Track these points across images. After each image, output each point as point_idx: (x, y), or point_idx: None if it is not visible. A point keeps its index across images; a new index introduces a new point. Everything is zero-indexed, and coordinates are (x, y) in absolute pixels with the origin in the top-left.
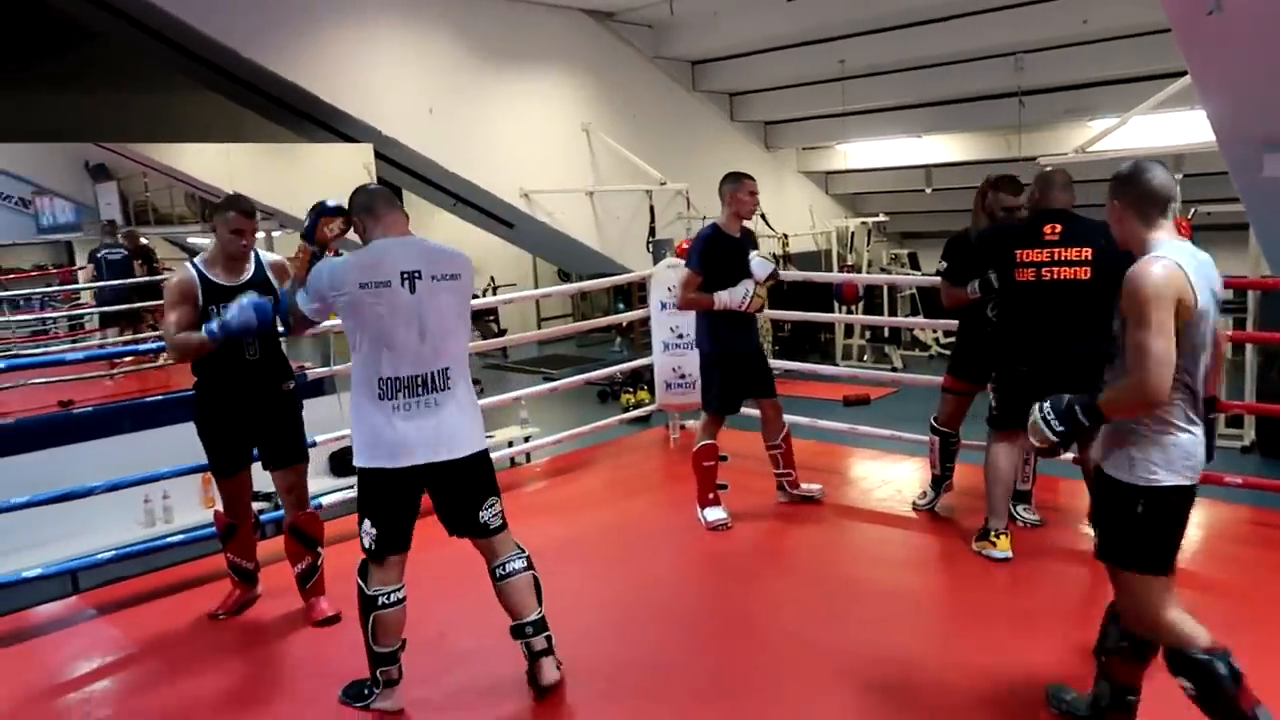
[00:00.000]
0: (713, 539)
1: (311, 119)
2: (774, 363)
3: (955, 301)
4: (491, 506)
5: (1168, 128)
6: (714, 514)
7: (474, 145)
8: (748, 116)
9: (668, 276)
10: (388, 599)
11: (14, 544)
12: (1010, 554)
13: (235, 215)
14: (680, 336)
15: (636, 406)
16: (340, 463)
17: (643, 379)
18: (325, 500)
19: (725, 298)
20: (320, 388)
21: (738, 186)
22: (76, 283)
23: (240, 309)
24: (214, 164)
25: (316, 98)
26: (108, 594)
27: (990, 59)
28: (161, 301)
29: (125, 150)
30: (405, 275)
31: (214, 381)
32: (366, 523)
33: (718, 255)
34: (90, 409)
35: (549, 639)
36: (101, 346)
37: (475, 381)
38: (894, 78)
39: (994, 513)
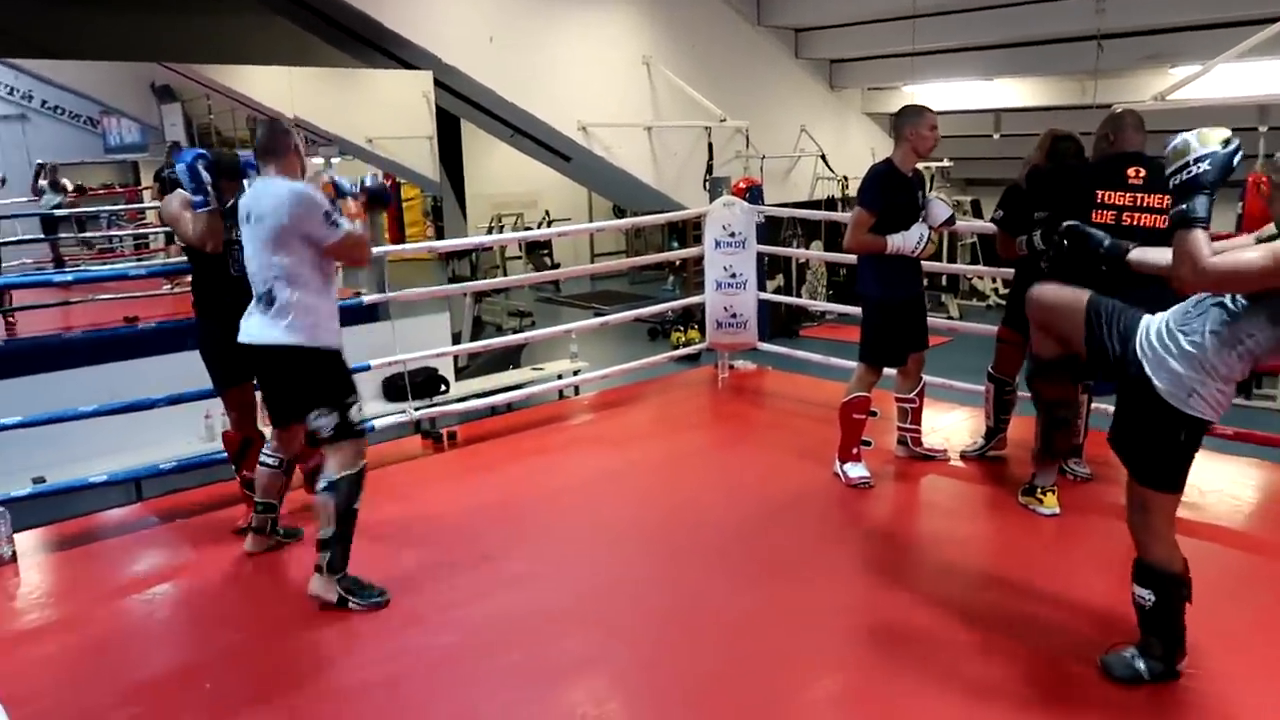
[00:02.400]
0: (756, 477)
1: (373, 45)
2: (827, 306)
3: (1011, 253)
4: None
5: (1253, 77)
6: (855, 470)
7: (533, 76)
8: (813, 54)
9: (723, 215)
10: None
11: (83, 452)
12: (1058, 510)
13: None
14: (734, 276)
15: (687, 345)
16: (393, 388)
17: (694, 318)
18: (377, 424)
19: (899, 241)
20: (374, 313)
21: (919, 120)
22: (142, 202)
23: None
24: (276, 87)
25: (379, 23)
26: (169, 503)
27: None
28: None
29: (189, 72)
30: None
31: (206, 299)
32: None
33: (890, 194)
34: (153, 325)
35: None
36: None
37: (526, 314)
38: (967, 17)
39: (1042, 469)
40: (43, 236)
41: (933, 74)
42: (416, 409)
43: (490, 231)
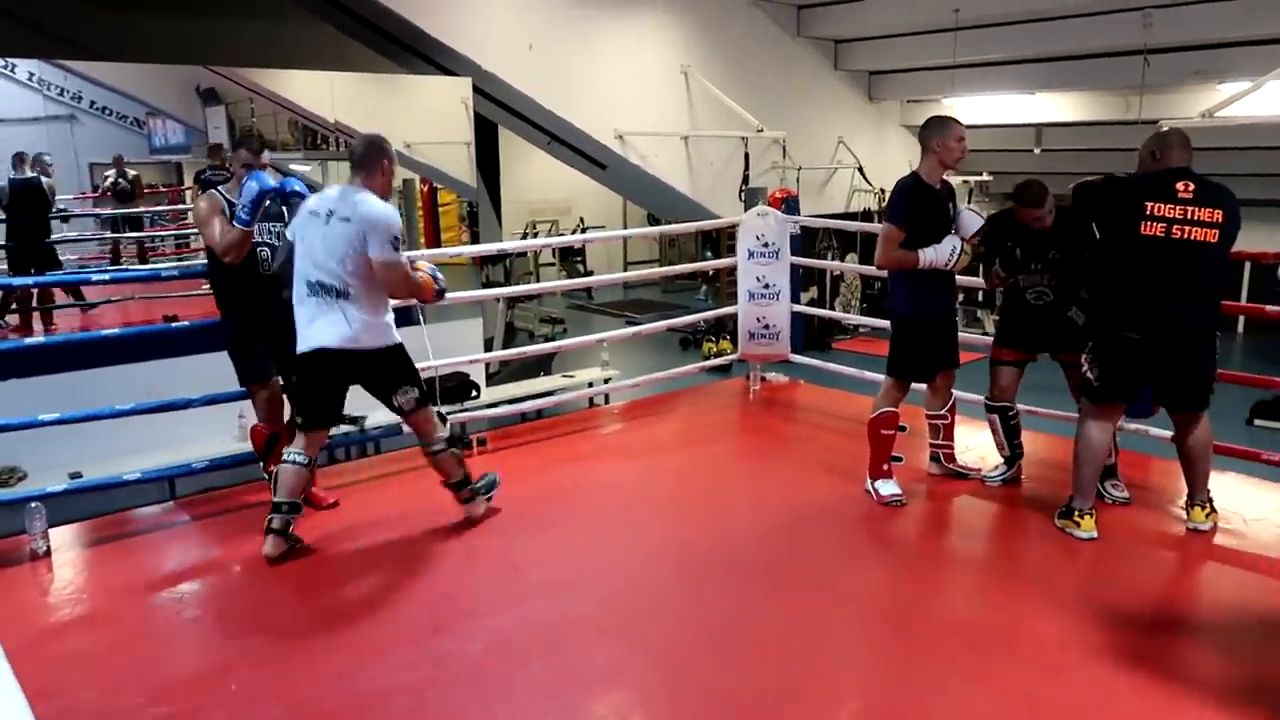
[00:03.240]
0: (785, 490)
1: (414, 51)
2: (861, 319)
3: (993, 284)
4: None
5: None
6: (888, 488)
7: (571, 84)
8: (852, 66)
9: (757, 225)
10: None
11: (120, 449)
12: (1095, 534)
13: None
14: (766, 287)
15: (718, 356)
16: (425, 393)
17: (726, 329)
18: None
19: (931, 255)
20: (408, 316)
21: (946, 132)
22: (184, 202)
23: (244, 189)
24: (318, 92)
25: (420, 29)
26: (202, 501)
27: (1116, 13)
28: None
29: (234, 75)
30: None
31: (234, 298)
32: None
33: (919, 207)
34: (189, 324)
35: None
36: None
37: (559, 321)
38: (1009, 30)
39: (1081, 491)
40: (105, 235)
41: (974, 87)
42: (447, 414)
43: (524, 238)
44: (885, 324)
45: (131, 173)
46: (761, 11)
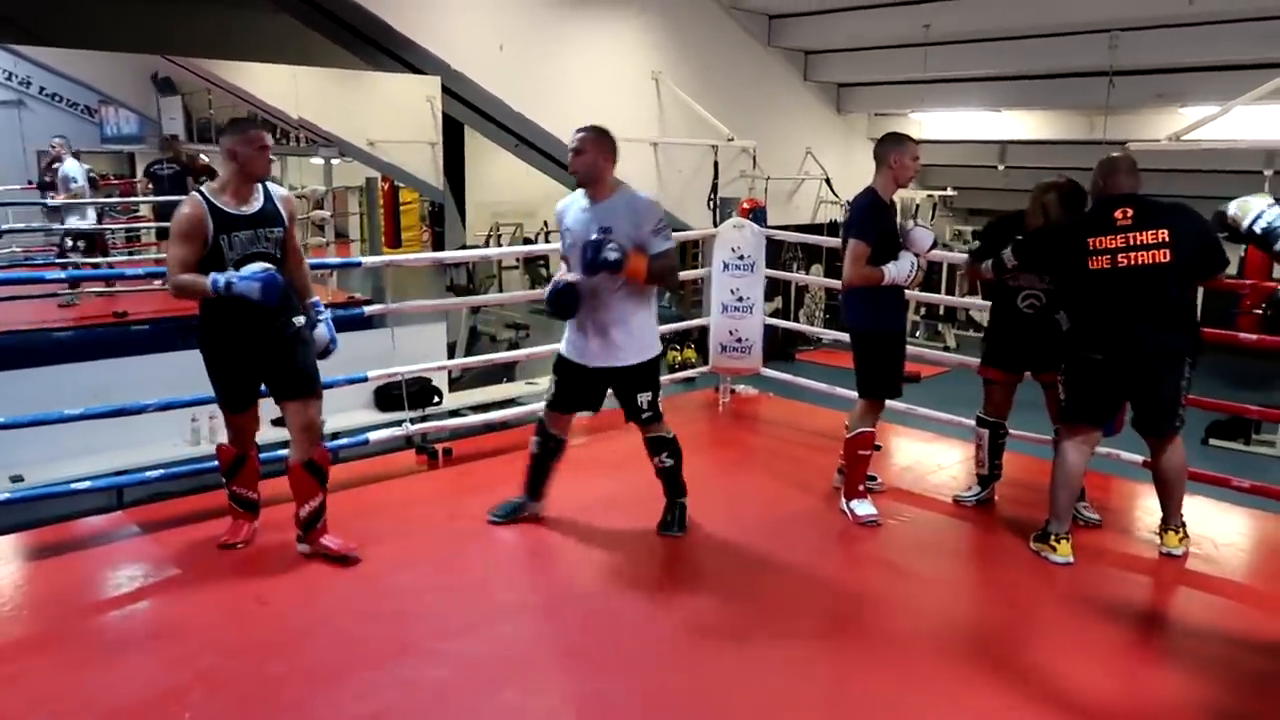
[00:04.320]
0: (761, 507)
1: (380, 47)
2: (821, 331)
3: (974, 276)
4: None
5: (1268, 121)
6: (864, 508)
7: (541, 86)
8: (821, 77)
9: (732, 236)
10: None
11: (62, 451)
12: (1072, 559)
13: (258, 132)
14: (740, 300)
15: (683, 365)
16: (387, 398)
17: (689, 338)
18: (373, 436)
19: (894, 271)
20: (371, 320)
21: (903, 150)
22: (135, 195)
23: (253, 285)
24: (280, 86)
25: (388, 25)
26: (151, 511)
27: (1083, 34)
28: None
29: (191, 65)
30: None
31: (219, 315)
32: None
33: (880, 224)
34: (148, 326)
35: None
36: (158, 263)
37: (522, 326)
38: (979, 47)
39: (1056, 514)
40: (54, 227)
41: (941, 102)
42: (412, 423)
43: (489, 240)
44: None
45: (86, 167)
46: (733, 20)
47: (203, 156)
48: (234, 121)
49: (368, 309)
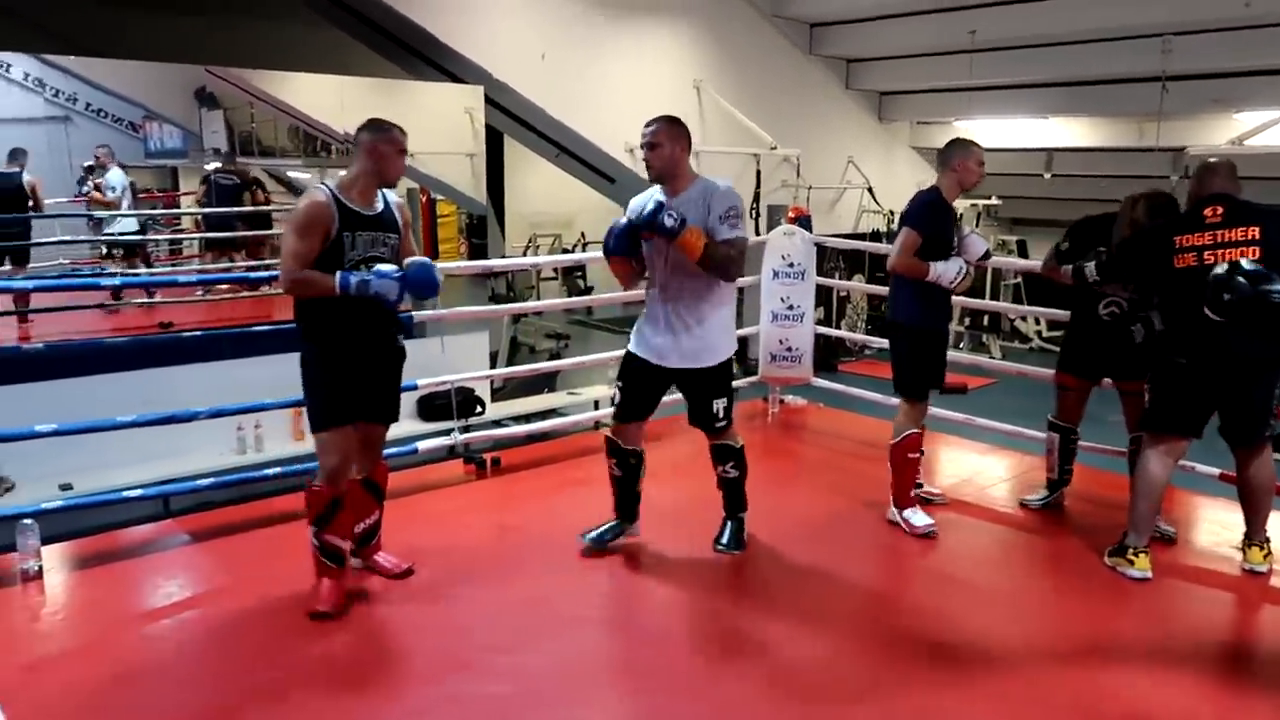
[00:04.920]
0: (815, 520)
1: (422, 56)
2: (865, 339)
3: (1053, 276)
4: None
5: None
6: (919, 518)
7: (583, 95)
8: (863, 85)
9: (782, 244)
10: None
11: (110, 459)
12: (1149, 574)
13: (399, 134)
14: (790, 308)
15: None
16: (430, 407)
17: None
18: (421, 445)
19: (940, 269)
20: (413, 330)
21: (968, 154)
22: (179, 207)
23: (391, 285)
24: (323, 96)
25: (432, 35)
26: (200, 520)
27: (1135, 39)
28: (265, 231)
29: (234, 79)
30: None
31: (336, 324)
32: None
33: (937, 222)
34: (199, 333)
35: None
36: (203, 271)
37: (563, 336)
38: (1026, 53)
39: (1136, 527)
40: (99, 238)
41: (986, 110)
42: (461, 432)
43: (526, 251)
44: (852, 337)
45: (130, 179)
46: (774, 28)
47: (253, 172)
48: (375, 121)
49: (416, 314)
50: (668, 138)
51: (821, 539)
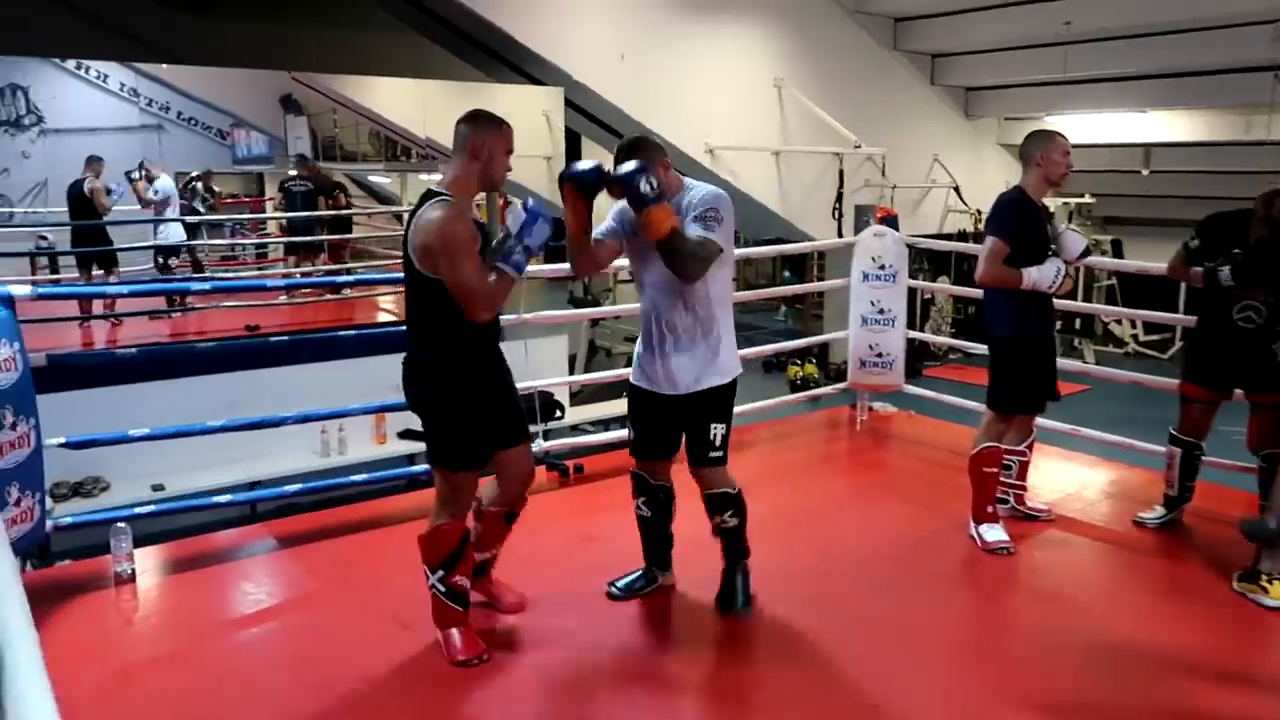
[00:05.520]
0: (908, 536)
1: (502, 59)
2: (951, 341)
3: (1180, 278)
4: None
5: None
6: (994, 533)
7: (662, 95)
8: (950, 81)
9: (873, 245)
10: None
11: (198, 460)
12: None
13: (509, 129)
14: (881, 312)
15: (804, 381)
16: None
17: (810, 352)
18: (546, 444)
19: (1035, 276)
20: (502, 334)
21: (1051, 145)
22: (264, 212)
23: (529, 220)
24: (404, 100)
25: (511, 37)
26: (288, 525)
27: (1243, 26)
28: (349, 235)
29: (319, 85)
30: None
31: (474, 354)
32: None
33: (1023, 224)
34: (286, 338)
35: None
36: (287, 275)
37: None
38: (1124, 44)
39: (1273, 550)
40: (191, 242)
41: (1081, 104)
42: (545, 438)
43: None
44: (981, 348)
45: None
46: (857, 24)
47: (336, 175)
48: (478, 113)
49: (503, 318)
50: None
51: (914, 559)
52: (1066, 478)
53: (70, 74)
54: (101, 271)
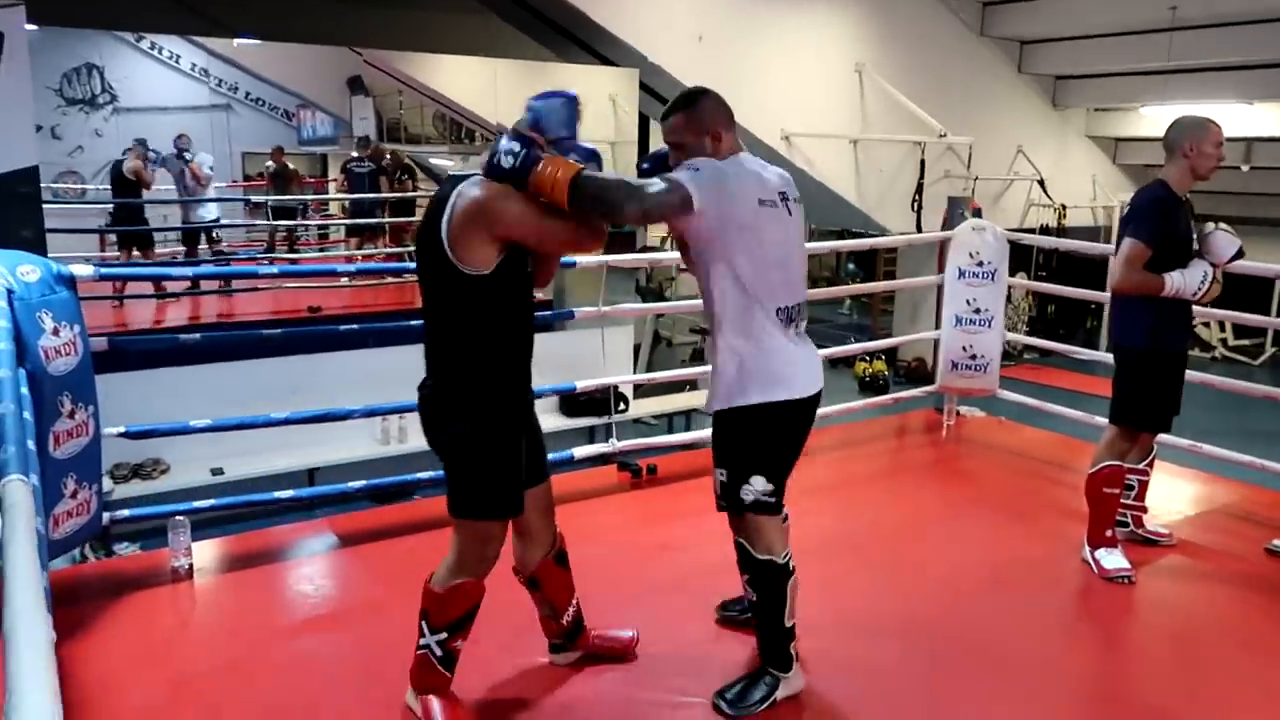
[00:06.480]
0: (1018, 558)
1: (576, 39)
2: (1025, 339)
3: None
4: None
5: None
6: (1113, 560)
7: (739, 79)
8: (1038, 69)
9: (971, 240)
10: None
11: (258, 444)
12: None
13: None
14: (977, 311)
15: (873, 379)
16: (573, 403)
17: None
18: (577, 453)
19: (1179, 282)
20: (552, 325)
21: (1203, 134)
22: (328, 193)
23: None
24: (472, 80)
25: (588, 18)
26: (348, 522)
27: None
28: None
29: (386, 66)
30: (782, 196)
31: (513, 366)
32: (759, 477)
33: (1168, 224)
34: (353, 326)
35: None
36: (350, 260)
37: (705, 331)
38: (1230, 31)
39: None
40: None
41: (1179, 94)
42: (604, 432)
43: (664, 241)
44: (1057, 347)
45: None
46: (945, 7)
47: (406, 157)
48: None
49: (578, 311)
50: (691, 131)
51: (1021, 587)
52: (1183, 496)
53: (144, 54)
54: (139, 252)
